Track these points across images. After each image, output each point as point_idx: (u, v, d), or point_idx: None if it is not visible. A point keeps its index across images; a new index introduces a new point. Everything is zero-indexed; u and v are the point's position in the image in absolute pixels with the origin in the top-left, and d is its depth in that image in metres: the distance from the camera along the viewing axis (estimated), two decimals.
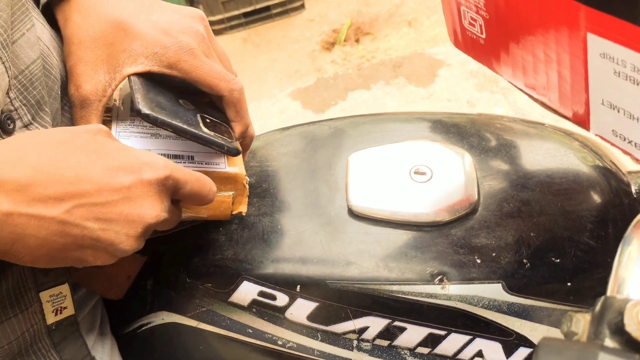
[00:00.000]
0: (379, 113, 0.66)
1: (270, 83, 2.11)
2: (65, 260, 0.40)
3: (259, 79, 2.13)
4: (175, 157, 0.50)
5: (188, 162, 0.50)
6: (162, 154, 0.49)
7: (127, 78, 0.49)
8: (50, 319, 0.48)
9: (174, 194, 0.44)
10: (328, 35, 2.26)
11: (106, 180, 0.39)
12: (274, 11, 2.35)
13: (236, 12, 2.30)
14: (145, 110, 0.46)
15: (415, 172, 0.55)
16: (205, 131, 0.49)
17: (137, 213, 0.40)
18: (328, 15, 2.35)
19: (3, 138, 0.43)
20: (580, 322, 0.31)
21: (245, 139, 0.56)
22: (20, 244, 0.38)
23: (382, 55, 2.12)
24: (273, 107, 2.01)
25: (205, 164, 0.50)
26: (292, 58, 2.20)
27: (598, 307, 0.30)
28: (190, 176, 0.44)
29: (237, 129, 0.53)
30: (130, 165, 0.40)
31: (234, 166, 0.52)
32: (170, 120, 0.47)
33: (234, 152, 0.50)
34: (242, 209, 0.54)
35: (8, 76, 0.43)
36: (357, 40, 2.22)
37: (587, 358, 0.27)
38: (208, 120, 0.51)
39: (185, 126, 0.47)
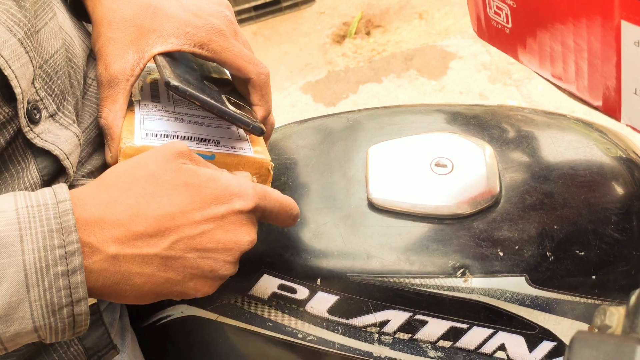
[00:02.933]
0: (398, 105, 0.66)
1: (281, 76, 2.10)
2: (168, 294, 0.42)
3: (270, 72, 2.12)
4: (201, 140, 0.50)
5: (214, 146, 0.50)
6: (187, 137, 0.49)
7: (153, 58, 0.49)
8: None
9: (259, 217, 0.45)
10: (339, 28, 2.25)
11: (200, 213, 0.41)
12: (284, 4, 2.34)
13: (246, 6, 2.29)
14: (174, 82, 0.46)
15: (436, 165, 0.54)
16: (231, 108, 0.49)
17: (233, 240, 0.42)
18: (338, 8, 2.33)
19: (30, 128, 0.43)
20: (614, 315, 0.30)
21: (267, 125, 0.56)
22: (125, 283, 0.39)
23: (393, 48, 2.11)
24: (284, 101, 2.00)
25: (232, 148, 0.50)
26: (302, 51, 2.19)
27: (633, 300, 0.30)
28: (276, 203, 0.45)
29: (260, 113, 0.53)
30: (222, 196, 0.41)
31: (259, 151, 0.52)
32: (198, 94, 0.47)
33: (258, 131, 0.50)
34: None
35: (32, 66, 0.43)
36: (367, 33, 2.20)
37: (624, 352, 0.26)
38: (232, 101, 0.51)
39: (212, 101, 0.47)
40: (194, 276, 0.41)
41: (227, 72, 0.58)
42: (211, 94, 0.49)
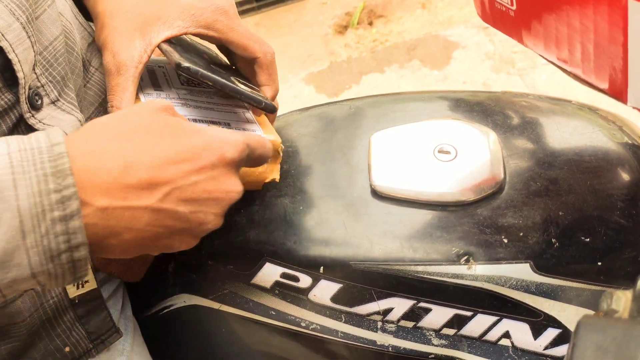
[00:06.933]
0: (401, 92, 0.65)
1: (283, 68, 2.09)
2: (153, 248, 0.40)
3: None
4: (212, 122, 0.50)
5: (226, 128, 0.50)
6: (197, 120, 0.49)
7: (158, 46, 0.49)
8: (72, 292, 0.48)
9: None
10: (341, 18, 2.24)
11: (191, 162, 0.39)
12: None
13: None
14: (185, 63, 0.46)
15: (440, 151, 0.54)
16: (242, 87, 0.49)
17: (223, 189, 0.40)
18: None
19: (32, 114, 0.43)
20: (621, 299, 0.30)
21: None
22: (114, 238, 0.37)
23: (395, 38, 2.09)
24: (287, 92, 1.99)
25: (243, 129, 0.50)
26: (305, 42, 2.18)
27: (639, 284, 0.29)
28: (257, 141, 0.44)
29: (269, 93, 0.54)
30: (211, 145, 0.40)
31: (269, 133, 0.52)
32: (210, 74, 0.47)
33: (270, 108, 0.50)
34: (275, 175, 0.53)
35: (34, 51, 0.43)
36: (370, 24, 2.19)
37: (632, 336, 0.26)
38: (241, 82, 0.51)
39: (224, 80, 0.48)
40: (182, 230, 0.40)
41: (227, 61, 0.58)
42: (220, 75, 0.49)
